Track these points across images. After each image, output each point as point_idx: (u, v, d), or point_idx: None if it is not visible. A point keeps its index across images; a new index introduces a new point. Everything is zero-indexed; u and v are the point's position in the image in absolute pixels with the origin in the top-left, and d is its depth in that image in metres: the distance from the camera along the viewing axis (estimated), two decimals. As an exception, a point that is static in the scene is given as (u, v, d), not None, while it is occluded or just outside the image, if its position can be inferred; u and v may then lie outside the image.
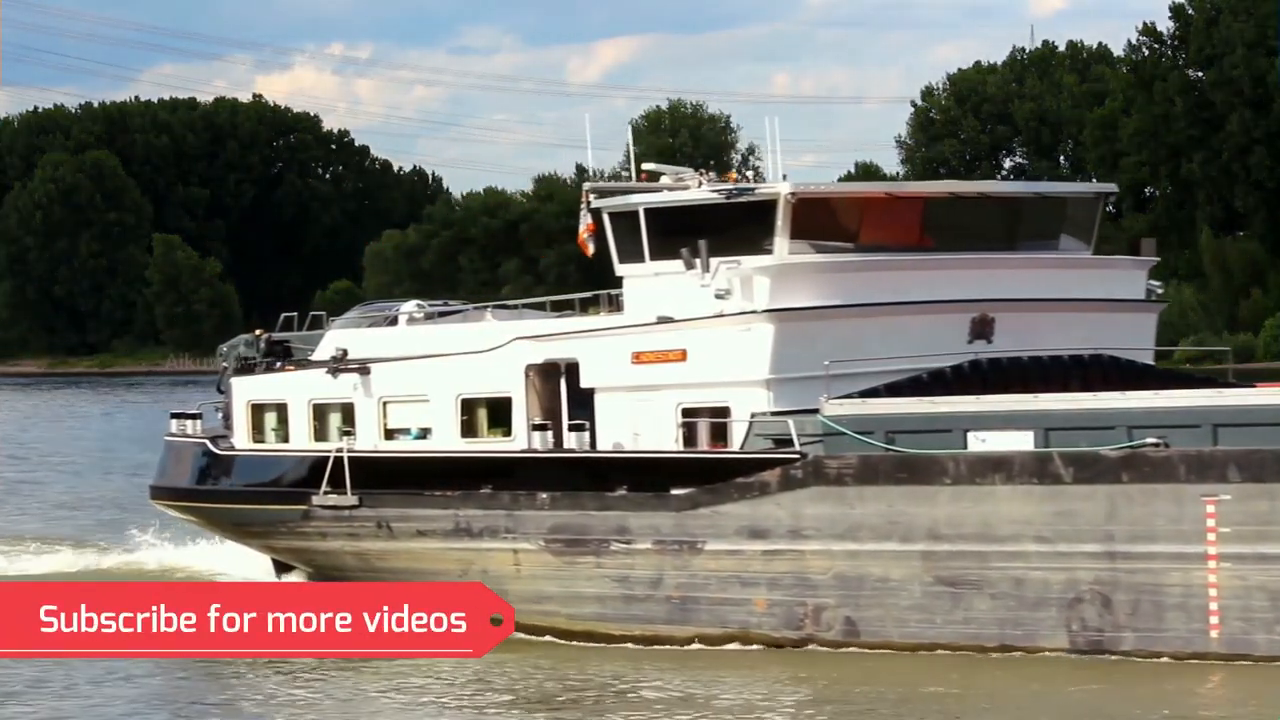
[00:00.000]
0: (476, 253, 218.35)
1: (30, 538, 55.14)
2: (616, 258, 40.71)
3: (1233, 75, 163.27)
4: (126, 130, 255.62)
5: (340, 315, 47.30)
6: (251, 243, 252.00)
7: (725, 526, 37.15)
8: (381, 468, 42.22)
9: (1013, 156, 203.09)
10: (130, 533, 52.75)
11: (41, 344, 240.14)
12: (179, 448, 47.13)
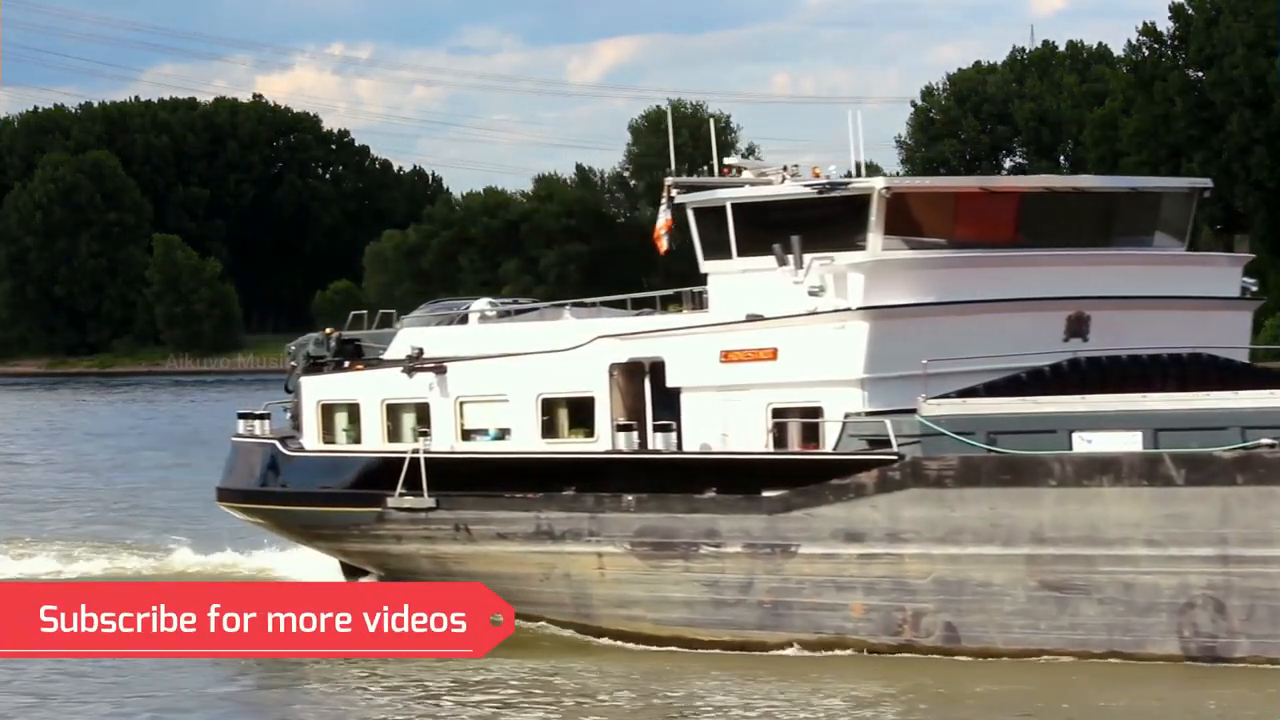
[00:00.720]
0: (476, 253, 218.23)
1: (93, 540, 53.81)
2: (701, 254, 39.55)
3: (1233, 75, 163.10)
4: (126, 130, 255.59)
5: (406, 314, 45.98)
6: (251, 243, 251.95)
7: (820, 529, 36.12)
8: (459, 469, 41.13)
9: (1013, 156, 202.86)
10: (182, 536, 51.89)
11: (41, 344, 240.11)
12: (247, 448, 45.92)
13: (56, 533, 56.72)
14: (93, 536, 55.54)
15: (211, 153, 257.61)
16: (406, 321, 44.71)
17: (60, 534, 56.29)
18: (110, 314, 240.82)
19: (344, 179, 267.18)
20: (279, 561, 47.93)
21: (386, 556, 42.61)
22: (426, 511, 41.06)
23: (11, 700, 34.61)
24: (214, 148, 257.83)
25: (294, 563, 46.96)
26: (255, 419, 46.07)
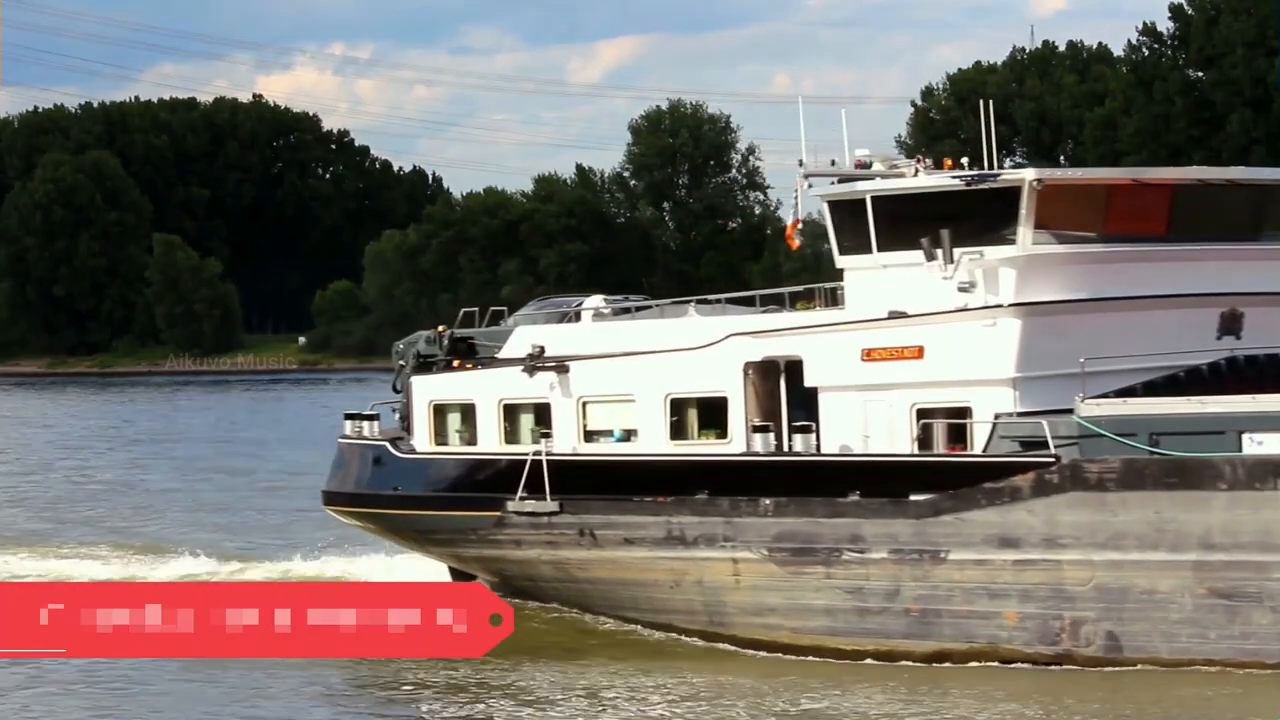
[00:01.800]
0: (476, 253, 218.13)
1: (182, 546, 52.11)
2: (836, 249, 38.07)
3: (1233, 75, 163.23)
4: (126, 130, 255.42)
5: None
6: (251, 243, 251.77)
7: (972, 534, 34.70)
8: (584, 471, 39.56)
9: (1013, 156, 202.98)
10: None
11: (41, 344, 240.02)
12: (354, 450, 44.23)
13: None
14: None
15: (211, 153, 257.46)
16: (516, 319, 43.33)
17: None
18: (110, 314, 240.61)
19: (344, 179, 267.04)
20: (383, 567, 46.57)
21: (504, 562, 41.18)
22: (549, 516, 39.62)
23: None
24: (214, 148, 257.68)
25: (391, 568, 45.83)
26: (363, 419, 44.40)
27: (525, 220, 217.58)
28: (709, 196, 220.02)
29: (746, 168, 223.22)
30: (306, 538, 50.29)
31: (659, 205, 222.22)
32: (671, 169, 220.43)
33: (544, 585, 40.69)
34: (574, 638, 38.95)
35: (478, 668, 35.52)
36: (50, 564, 48.84)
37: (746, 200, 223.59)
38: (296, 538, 51.45)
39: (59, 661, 34.80)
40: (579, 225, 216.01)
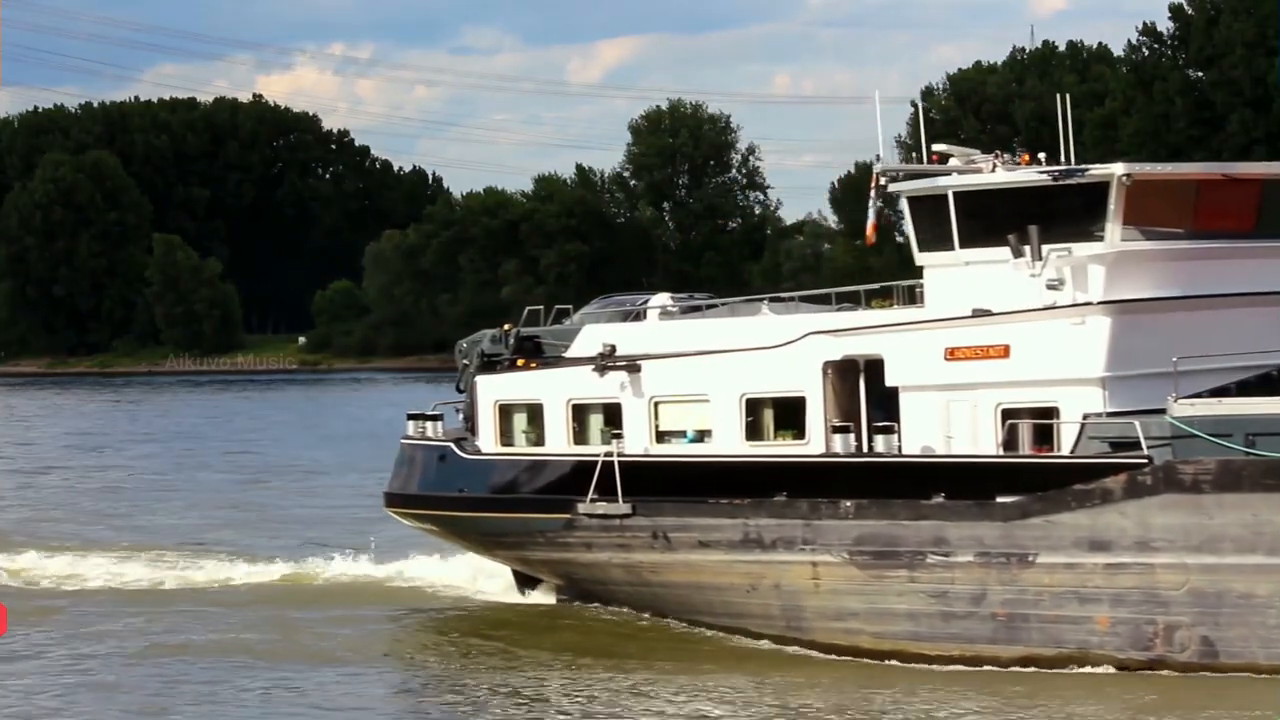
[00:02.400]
0: (476, 253, 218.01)
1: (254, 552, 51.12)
2: (916, 246, 37.15)
3: (1233, 75, 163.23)
4: (127, 130, 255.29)
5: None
6: (251, 243, 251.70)
7: (1061, 537, 33.91)
8: (657, 473, 38.72)
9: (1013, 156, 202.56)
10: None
11: (41, 344, 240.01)
12: (418, 451, 43.34)
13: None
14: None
15: (211, 153, 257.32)
16: (580, 317, 42.51)
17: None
18: (110, 314, 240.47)
19: (344, 179, 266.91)
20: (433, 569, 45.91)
21: (573, 566, 40.43)
22: (621, 518, 38.80)
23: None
24: (214, 148, 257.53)
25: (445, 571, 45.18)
26: (426, 420, 43.42)
27: (525, 220, 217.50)
28: (709, 196, 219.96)
29: (746, 168, 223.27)
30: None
31: (659, 205, 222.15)
32: (671, 169, 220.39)
33: (614, 589, 40.00)
34: (645, 641, 38.26)
35: (551, 671, 35.42)
36: (232, 569, 47.62)
37: (746, 200, 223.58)
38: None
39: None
40: (579, 225, 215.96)
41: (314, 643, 39.07)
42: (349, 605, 42.84)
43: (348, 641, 39.24)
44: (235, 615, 41.77)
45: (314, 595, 44.33)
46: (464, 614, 42.07)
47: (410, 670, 37.35)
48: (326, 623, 40.99)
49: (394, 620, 41.93)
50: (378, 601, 43.43)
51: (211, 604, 43.34)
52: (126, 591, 45.30)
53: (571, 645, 37.90)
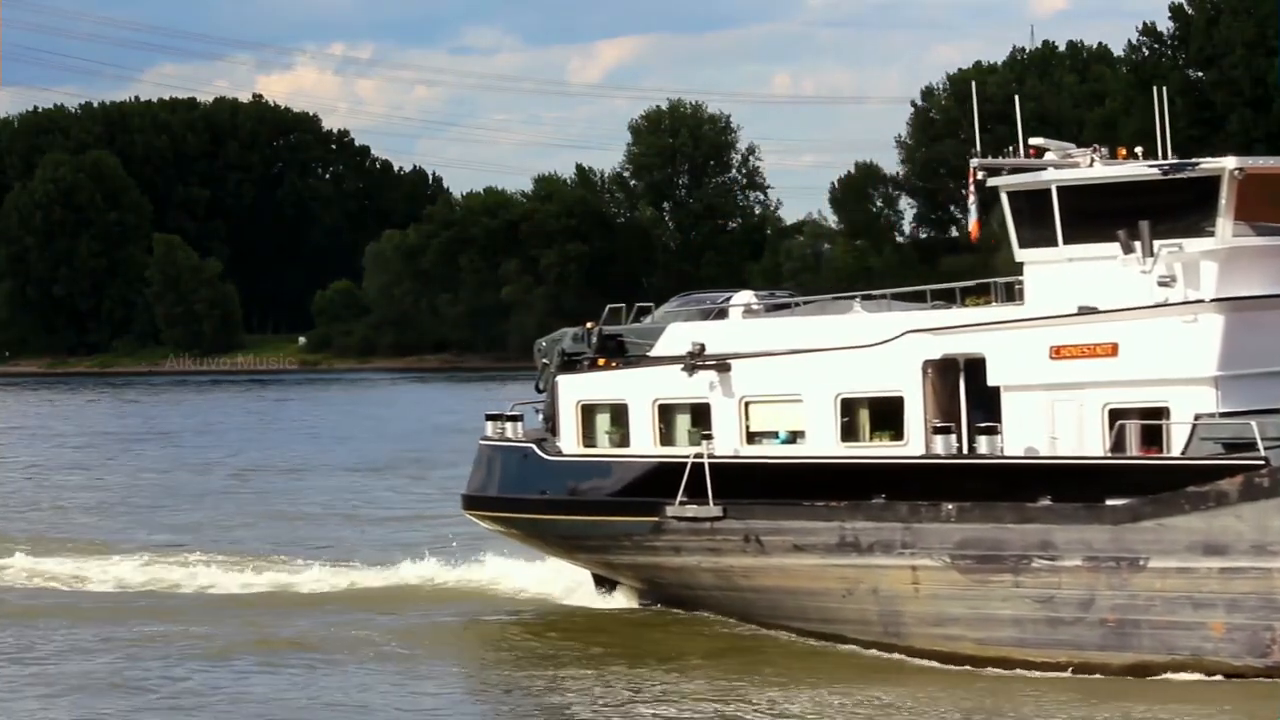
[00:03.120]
0: (476, 253, 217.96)
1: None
2: (1016, 241, 36.31)
3: (1233, 75, 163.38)
4: (127, 130, 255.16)
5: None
6: (251, 243, 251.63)
7: (1174, 541, 33.07)
8: (749, 475, 37.82)
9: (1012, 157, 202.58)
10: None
11: (41, 344, 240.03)
12: (497, 452, 42.36)
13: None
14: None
15: (211, 153, 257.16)
16: (660, 315, 41.56)
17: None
18: (110, 314, 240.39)
19: (344, 179, 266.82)
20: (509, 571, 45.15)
21: (660, 570, 39.54)
22: (712, 521, 37.86)
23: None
24: (214, 148, 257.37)
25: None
26: (506, 420, 42.36)
27: (525, 220, 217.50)
28: (709, 196, 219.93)
29: (746, 168, 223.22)
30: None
31: (659, 205, 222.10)
32: (671, 169, 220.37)
33: (702, 593, 39.17)
34: (734, 648, 37.62)
35: (645, 677, 34.80)
36: (286, 575, 46.86)
37: (746, 200, 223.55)
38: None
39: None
40: (579, 225, 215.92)
41: (394, 645, 38.67)
42: (432, 608, 42.37)
43: (433, 644, 38.81)
44: (311, 618, 41.31)
45: (397, 598, 43.78)
46: (546, 618, 41.49)
47: (492, 672, 36.87)
48: (409, 625, 40.53)
49: (475, 622, 41.38)
50: (455, 603, 42.95)
51: (285, 607, 43.00)
52: (213, 596, 44.87)
53: (663, 650, 37.32)
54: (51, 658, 38.21)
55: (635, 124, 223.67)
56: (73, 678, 36.28)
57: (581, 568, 42.15)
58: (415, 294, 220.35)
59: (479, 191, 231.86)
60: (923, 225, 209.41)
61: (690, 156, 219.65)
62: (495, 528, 43.03)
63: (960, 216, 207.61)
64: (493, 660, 37.97)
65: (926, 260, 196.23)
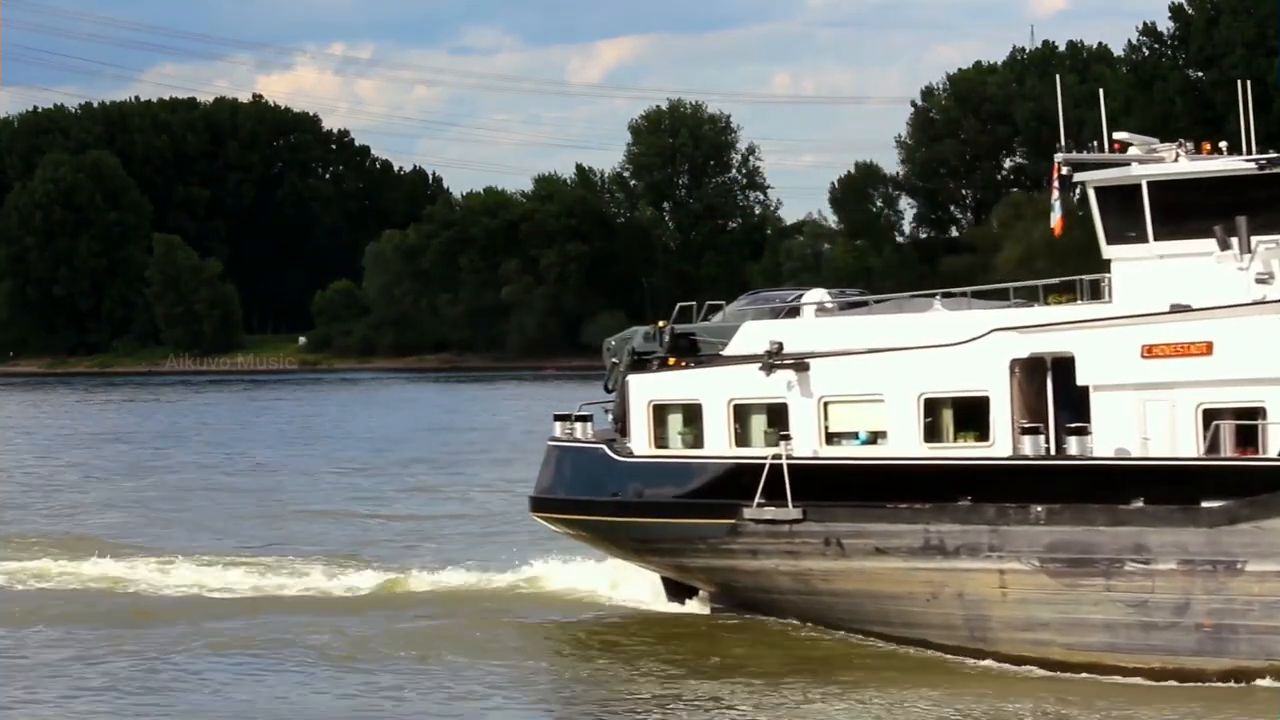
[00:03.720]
0: (476, 253, 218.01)
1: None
2: (1104, 238, 35.33)
3: (1233, 75, 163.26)
4: (126, 130, 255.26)
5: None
6: (251, 243, 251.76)
7: (1272, 544, 32.30)
8: (829, 476, 36.86)
9: (1013, 157, 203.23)
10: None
11: (41, 344, 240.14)
12: (567, 454, 41.33)
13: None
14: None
15: (211, 153, 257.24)
16: (730, 313, 40.62)
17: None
18: (110, 314, 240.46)
19: (344, 179, 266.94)
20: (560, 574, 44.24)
21: (736, 573, 38.55)
22: (791, 524, 36.85)
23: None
24: (214, 148, 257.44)
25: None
26: (575, 421, 41.19)
27: (525, 220, 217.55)
28: (709, 196, 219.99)
29: (746, 168, 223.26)
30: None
31: (659, 205, 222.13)
32: (671, 169, 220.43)
33: (779, 598, 38.32)
34: (811, 653, 36.86)
35: (725, 684, 34.15)
36: (353, 579, 45.72)
37: (746, 200, 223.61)
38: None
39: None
40: (579, 225, 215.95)
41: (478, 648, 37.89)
42: (500, 611, 41.52)
43: (511, 648, 38.06)
44: (382, 621, 40.53)
45: (458, 601, 42.95)
46: (613, 622, 40.68)
47: (569, 676, 36.13)
48: (485, 628, 39.67)
49: (551, 627, 40.53)
50: (524, 607, 42.09)
51: (354, 610, 42.10)
52: (287, 600, 43.95)
53: (737, 655, 36.63)
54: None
55: (635, 124, 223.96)
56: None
57: (652, 572, 41.23)
58: (415, 294, 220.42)
59: (479, 191, 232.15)
60: (923, 225, 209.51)
61: (690, 156, 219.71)
62: (564, 530, 42.09)
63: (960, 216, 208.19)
64: (571, 665, 37.09)
65: (926, 260, 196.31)
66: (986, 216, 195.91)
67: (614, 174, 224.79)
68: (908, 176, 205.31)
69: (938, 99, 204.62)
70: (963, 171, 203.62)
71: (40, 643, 38.89)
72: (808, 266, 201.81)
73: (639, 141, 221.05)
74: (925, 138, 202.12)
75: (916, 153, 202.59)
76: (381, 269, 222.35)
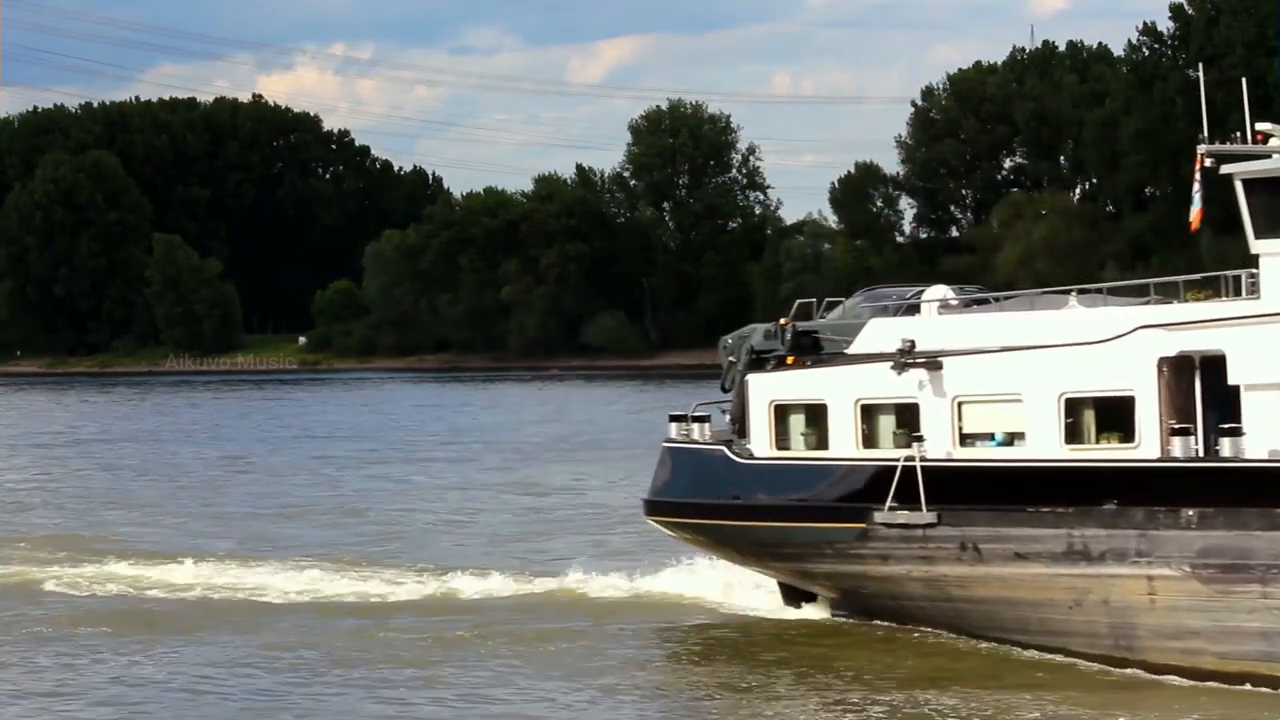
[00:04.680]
0: (476, 253, 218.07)
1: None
2: (1252, 231, 34.03)
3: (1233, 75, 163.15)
4: (126, 130, 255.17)
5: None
6: (251, 243, 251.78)
7: None
8: (966, 479, 35.55)
9: (1013, 156, 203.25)
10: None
11: (41, 344, 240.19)
12: (684, 455, 39.91)
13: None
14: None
15: (211, 153, 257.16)
16: (848, 311, 39.42)
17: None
18: (110, 314, 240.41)
19: (344, 179, 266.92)
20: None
21: (863, 579, 37.26)
22: (925, 528, 35.57)
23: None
24: (214, 148, 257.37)
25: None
26: (693, 421, 39.72)
27: (525, 220, 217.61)
28: (709, 196, 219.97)
29: (746, 168, 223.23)
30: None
31: (659, 205, 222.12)
32: (671, 169, 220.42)
33: (909, 604, 37.16)
34: (960, 663, 35.66)
35: (872, 691, 33.25)
36: (459, 583, 44.57)
37: (746, 200, 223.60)
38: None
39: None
40: (579, 225, 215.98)
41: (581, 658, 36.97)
42: (623, 619, 40.44)
43: (626, 657, 37.16)
44: (492, 626, 39.62)
45: (561, 606, 42.08)
46: (734, 627, 39.63)
47: (701, 681, 35.00)
48: (600, 637, 38.79)
49: (671, 632, 39.51)
50: (634, 613, 40.98)
51: (464, 613, 41.24)
52: (393, 604, 42.96)
53: (868, 663, 35.63)
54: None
55: (635, 124, 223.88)
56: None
57: (772, 577, 40.02)
58: (415, 294, 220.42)
59: (479, 191, 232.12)
60: (923, 225, 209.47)
61: (690, 156, 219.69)
62: (680, 534, 40.77)
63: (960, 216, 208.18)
64: (701, 670, 35.99)
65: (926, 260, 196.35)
66: (986, 216, 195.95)
67: (614, 174, 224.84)
68: (908, 176, 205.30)
69: (938, 99, 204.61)
70: (963, 171, 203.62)
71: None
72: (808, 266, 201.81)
73: (639, 141, 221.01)
74: (925, 138, 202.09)
75: (916, 153, 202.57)
76: (381, 269, 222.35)
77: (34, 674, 36.18)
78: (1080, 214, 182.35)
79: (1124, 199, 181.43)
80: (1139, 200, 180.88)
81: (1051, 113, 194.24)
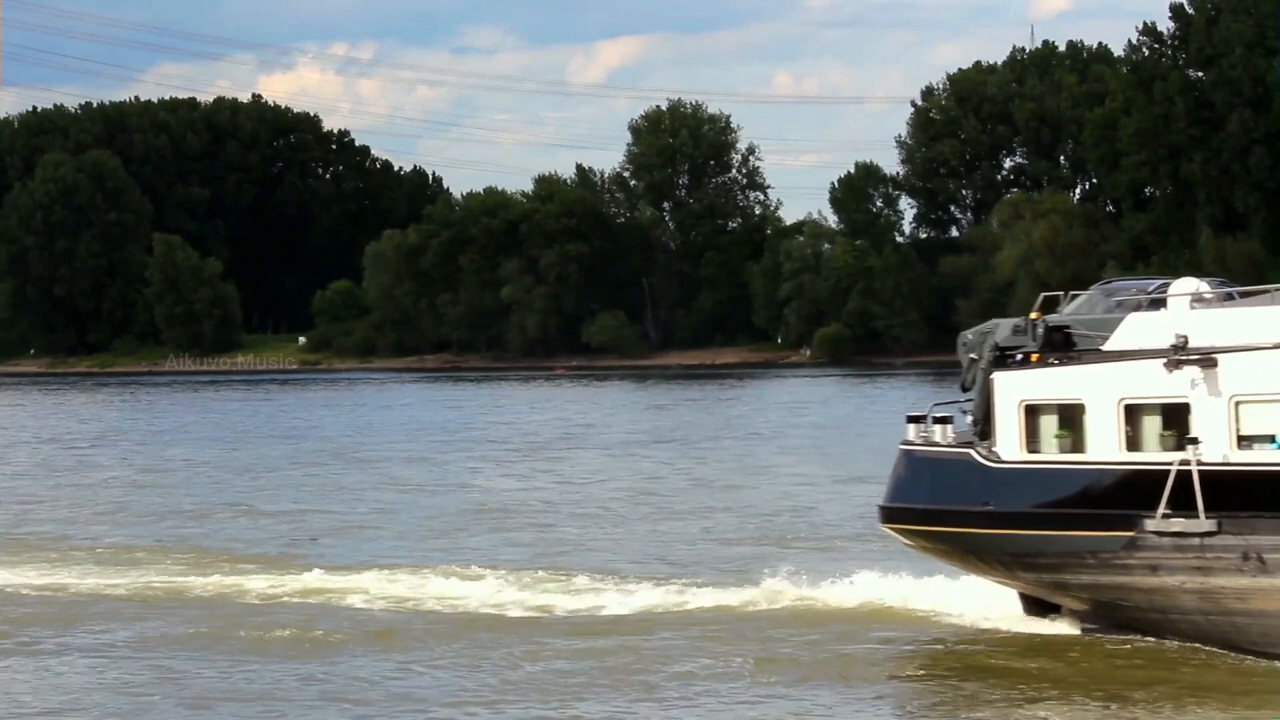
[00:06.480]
0: (476, 253, 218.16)
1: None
2: None
3: (1232, 75, 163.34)
4: (126, 130, 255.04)
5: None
6: (251, 243, 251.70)
7: None
8: (1249, 484, 33.01)
9: (1013, 156, 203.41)
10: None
11: (41, 344, 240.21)
12: (926, 460, 37.18)
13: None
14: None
15: (211, 153, 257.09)
16: (1086, 303, 37.04)
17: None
18: (110, 314, 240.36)
19: (344, 179, 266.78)
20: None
21: (1128, 591, 34.67)
22: (1202, 537, 33.16)
23: None
24: (214, 148, 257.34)
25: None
26: (936, 422, 37.14)
27: (525, 220, 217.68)
28: (709, 196, 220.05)
29: (746, 168, 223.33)
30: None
31: (659, 205, 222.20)
32: (671, 169, 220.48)
33: (1178, 618, 34.62)
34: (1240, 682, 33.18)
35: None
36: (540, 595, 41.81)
37: (746, 200, 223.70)
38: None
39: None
40: (579, 225, 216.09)
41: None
42: (851, 626, 37.92)
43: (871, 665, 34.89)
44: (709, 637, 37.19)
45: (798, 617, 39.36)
46: (987, 642, 36.84)
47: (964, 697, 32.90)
48: (825, 645, 36.28)
49: (920, 644, 36.82)
50: (875, 626, 38.20)
51: (673, 626, 38.59)
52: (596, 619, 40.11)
53: (1161, 682, 33.13)
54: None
55: (635, 124, 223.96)
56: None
57: (1019, 588, 37.47)
58: (415, 294, 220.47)
59: (479, 191, 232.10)
60: (923, 225, 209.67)
61: (690, 156, 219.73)
62: (918, 543, 37.93)
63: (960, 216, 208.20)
64: (967, 689, 33.47)
65: (926, 260, 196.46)
66: (986, 216, 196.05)
67: (614, 174, 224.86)
68: (908, 176, 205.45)
69: (938, 99, 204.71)
70: (963, 171, 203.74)
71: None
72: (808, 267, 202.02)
73: (639, 141, 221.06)
74: (925, 138, 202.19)
75: (916, 153, 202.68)
76: (381, 269, 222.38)
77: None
78: (1080, 214, 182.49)
79: (1124, 199, 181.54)
80: (1139, 200, 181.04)
81: (1051, 113, 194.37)
